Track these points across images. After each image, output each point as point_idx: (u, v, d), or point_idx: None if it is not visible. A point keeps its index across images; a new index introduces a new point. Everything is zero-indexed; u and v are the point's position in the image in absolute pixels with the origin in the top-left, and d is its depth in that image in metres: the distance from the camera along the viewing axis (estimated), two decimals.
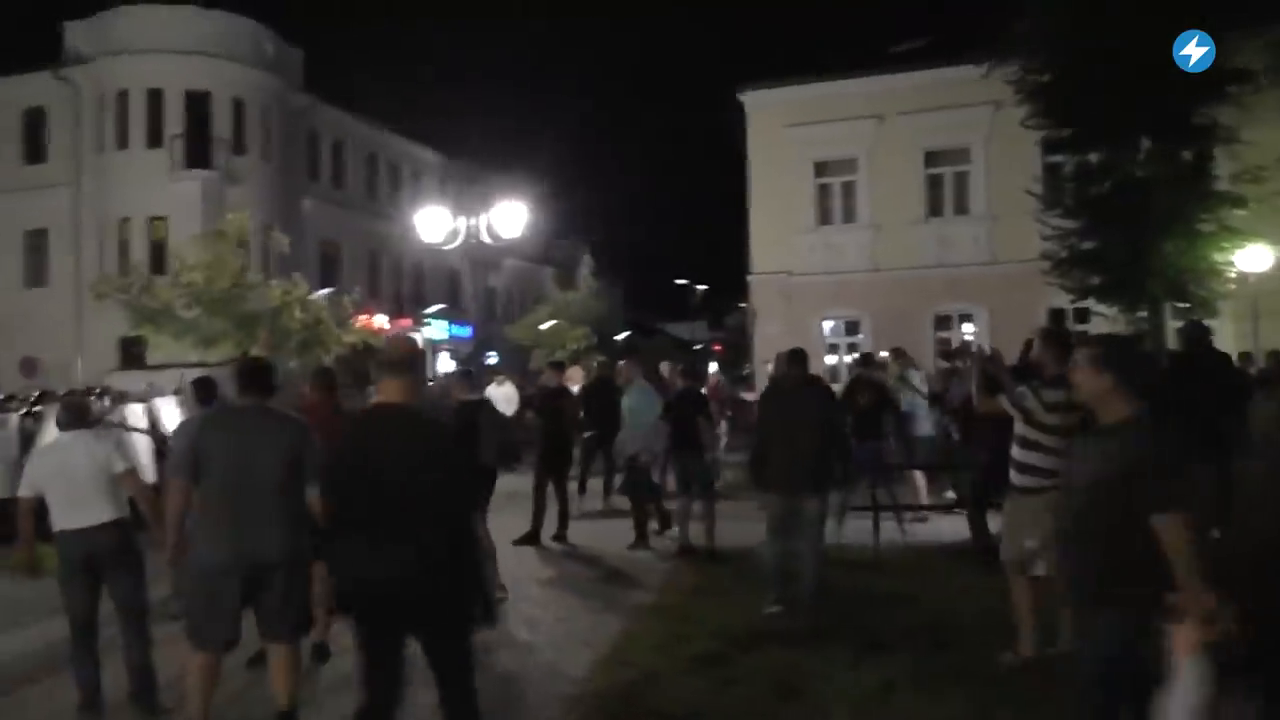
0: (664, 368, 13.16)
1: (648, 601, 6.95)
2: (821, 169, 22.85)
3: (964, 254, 21.54)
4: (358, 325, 23.51)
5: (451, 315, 37.82)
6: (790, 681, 4.89)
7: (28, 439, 11.42)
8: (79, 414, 5.34)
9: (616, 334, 41.39)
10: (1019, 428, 5.56)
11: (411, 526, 3.53)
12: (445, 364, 37.79)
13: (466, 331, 39.23)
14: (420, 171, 39.77)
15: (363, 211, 35.61)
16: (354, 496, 3.63)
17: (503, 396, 16.30)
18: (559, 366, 11.01)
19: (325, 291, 23.10)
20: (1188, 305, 15.90)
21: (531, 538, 9.66)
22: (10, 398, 13.23)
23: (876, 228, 22.39)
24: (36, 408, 12.45)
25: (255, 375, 4.79)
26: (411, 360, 3.83)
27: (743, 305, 51.49)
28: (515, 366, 29.38)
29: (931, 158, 22.03)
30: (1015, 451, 5.57)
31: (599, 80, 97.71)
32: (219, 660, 4.56)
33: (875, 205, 22.36)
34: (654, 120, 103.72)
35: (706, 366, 35.37)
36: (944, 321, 21.93)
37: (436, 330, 36.56)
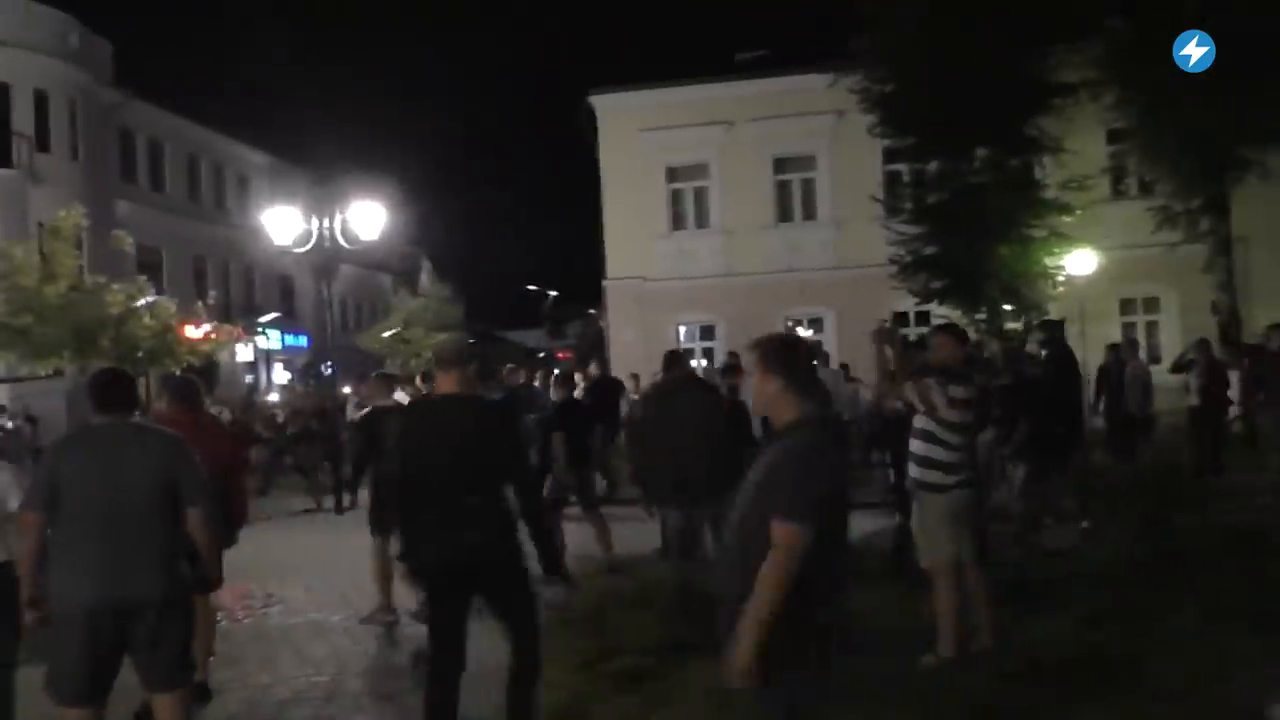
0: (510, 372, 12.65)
1: (555, 617, 6.57)
2: (674, 174, 23.01)
3: (813, 259, 22.11)
4: (181, 335, 21.67)
5: (286, 324, 36.07)
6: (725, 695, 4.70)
7: None
8: None
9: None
10: (921, 421, 5.54)
11: (484, 498, 4.15)
12: (279, 375, 35.99)
13: (303, 341, 37.51)
14: (248, 174, 37.75)
15: (185, 215, 33.41)
16: (428, 478, 4.18)
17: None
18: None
19: (151, 300, 21.07)
20: (1019, 307, 16.86)
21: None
22: None
23: (728, 233, 22.70)
24: None
25: (114, 387, 4.21)
26: (461, 354, 4.47)
27: (591, 311, 51.51)
28: (362, 377, 28.18)
29: (780, 164, 22.54)
30: (918, 446, 5.55)
31: (444, 82, 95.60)
32: (94, 716, 3.93)
33: (726, 210, 22.68)
34: (500, 124, 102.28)
35: (548, 374, 35.10)
36: (795, 325, 22.46)
37: (270, 340, 34.79)
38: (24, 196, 25.98)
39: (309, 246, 12.88)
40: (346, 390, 18.41)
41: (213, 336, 21.59)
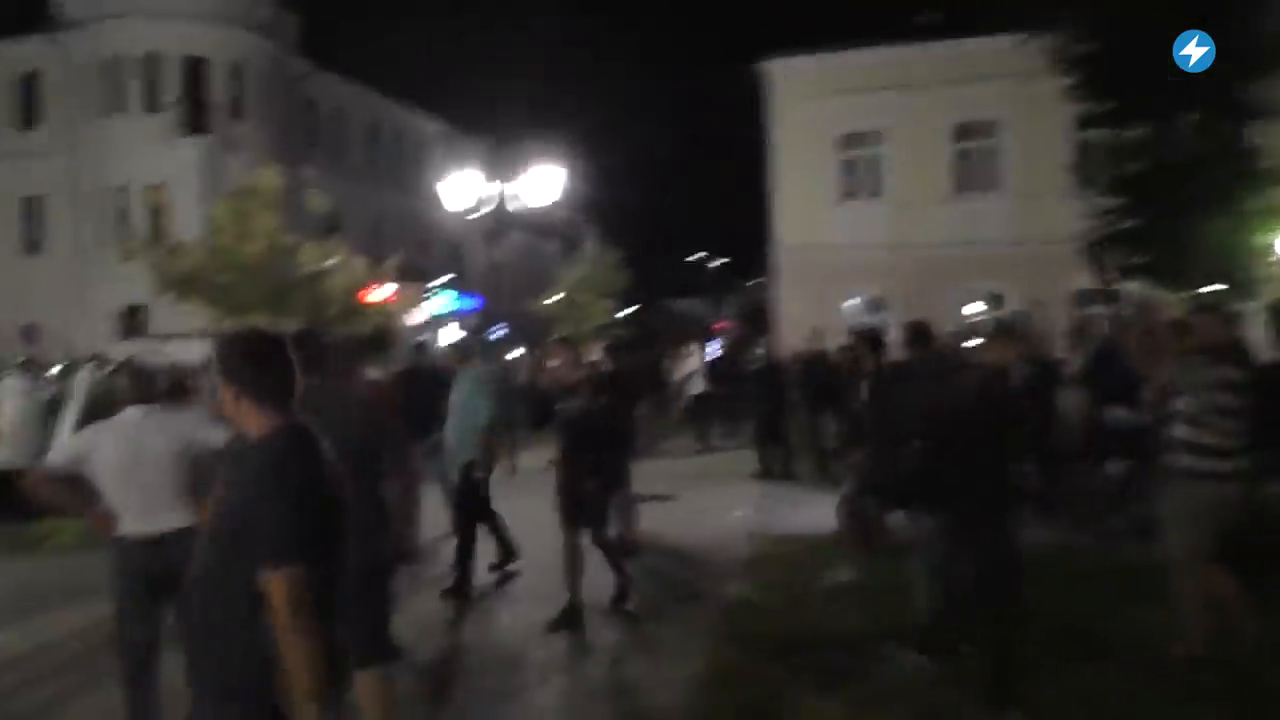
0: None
1: (719, 592, 6.38)
2: (846, 142, 22.30)
3: (991, 231, 21.04)
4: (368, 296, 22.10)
5: (458, 287, 37.17)
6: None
7: (54, 407, 10.89)
8: (149, 383, 4.32)
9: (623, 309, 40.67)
10: (1188, 405, 5.06)
11: None
12: (453, 335, 37.18)
13: (474, 304, 38.61)
14: (424, 141, 39.01)
15: (364, 181, 34.87)
16: None
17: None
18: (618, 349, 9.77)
19: (338, 261, 21.32)
20: (1227, 288, 15.47)
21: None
22: (27, 361, 12.56)
23: (902, 203, 21.86)
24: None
25: (316, 348, 4.04)
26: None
27: (759, 281, 50.93)
28: (534, 341, 28.67)
29: (960, 131, 21.48)
30: (1184, 431, 5.07)
31: (616, 48, 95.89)
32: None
33: (901, 180, 21.82)
34: (669, 89, 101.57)
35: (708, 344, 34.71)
36: (968, 300, 21.49)
37: (444, 303, 35.93)
38: (220, 162, 27.62)
39: (483, 212, 13.03)
40: (516, 354, 18.69)
41: (397, 299, 21.92)
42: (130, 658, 4.04)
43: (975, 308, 20.83)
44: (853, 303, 22.42)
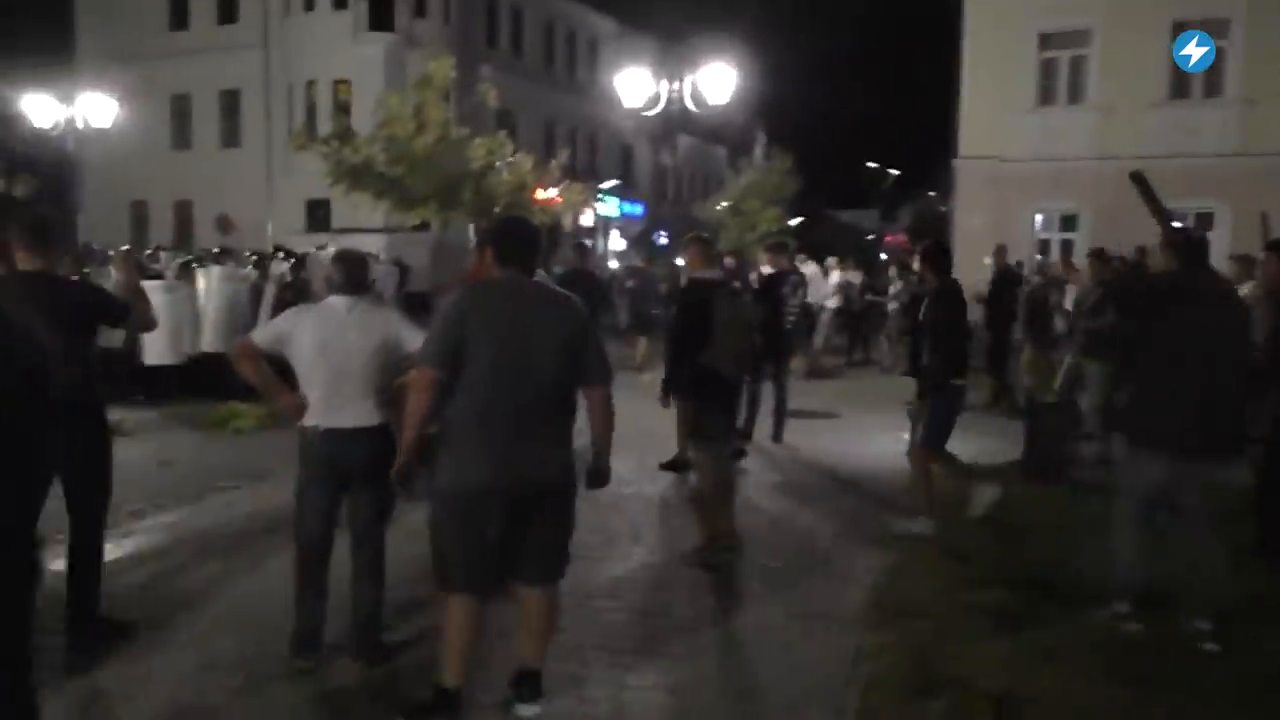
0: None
1: (912, 528, 6.01)
2: (1047, 41, 20.48)
3: (1209, 143, 19.03)
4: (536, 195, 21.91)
5: (624, 192, 37.05)
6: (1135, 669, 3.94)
7: (257, 296, 11.46)
8: (359, 274, 4.08)
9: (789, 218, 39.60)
10: None
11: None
12: (616, 242, 37.29)
13: (638, 210, 38.48)
14: (597, 40, 38.60)
15: (539, 80, 34.87)
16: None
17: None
18: (780, 249, 9.42)
19: (510, 159, 20.96)
20: None
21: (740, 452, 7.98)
22: (224, 251, 13.21)
23: (1107, 109, 20.01)
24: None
25: (527, 239, 3.62)
26: None
27: (931, 194, 48.51)
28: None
29: (1181, 29, 19.34)
30: None
31: None
32: (478, 608, 3.56)
33: (1107, 83, 19.93)
34: None
35: (876, 259, 33.25)
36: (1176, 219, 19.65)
37: (609, 207, 35.94)
38: (402, 58, 28.10)
39: (657, 110, 12.63)
40: (681, 261, 18.38)
41: (562, 198, 21.73)
42: (306, 547, 4.02)
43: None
44: (1042, 218, 20.92)
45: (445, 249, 20.72)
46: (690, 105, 12.57)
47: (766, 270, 9.14)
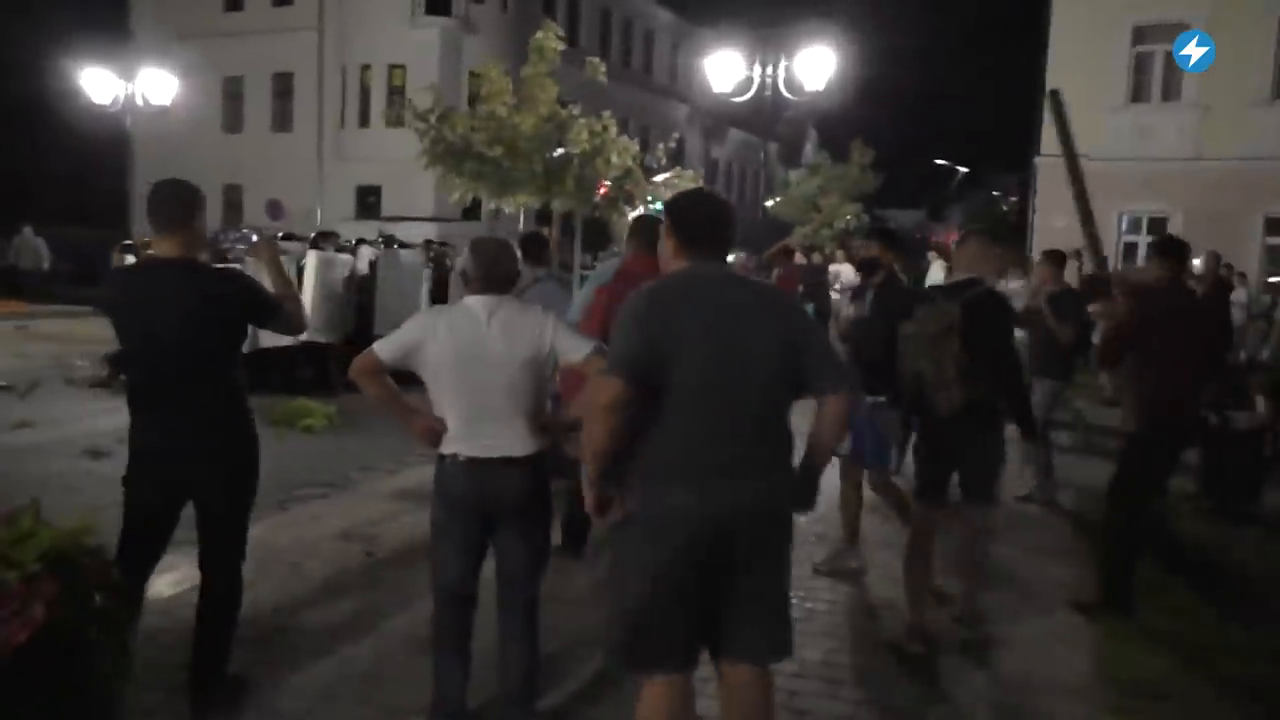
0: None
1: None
2: (1141, 35, 19.45)
3: None
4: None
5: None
6: None
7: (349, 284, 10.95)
8: (503, 268, 3.27)
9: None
10: None
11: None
12: None
13: None
14: (653, 31, 37.92)
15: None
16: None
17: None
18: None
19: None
20: None
21: None
22: (328, 234, 12.52)
23: (1205, 108, 18.96)
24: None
25: (722, 218, 2.85)
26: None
27: (994, 193, 47.18)
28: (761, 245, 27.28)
29: None
30: None
31: None
32: (685, 688, 2.76)
33: (1206, 80, 18.87)
34: None
35: (922, 259, 31.87)
36: (1275, 226, 18.62)
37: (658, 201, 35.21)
38: (459, 45, 27.54)
39: (749, 95, 11.84)
40: (731, 259, 17.23)
41: (675, 180, 19.43)
42: (446, 601, 3.28)
43: None
44: (1129, 220, 19.92)
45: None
46: (784, 91, 11.76)
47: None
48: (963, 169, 48.72)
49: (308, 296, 10.38)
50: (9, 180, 30.67)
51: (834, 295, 14.24)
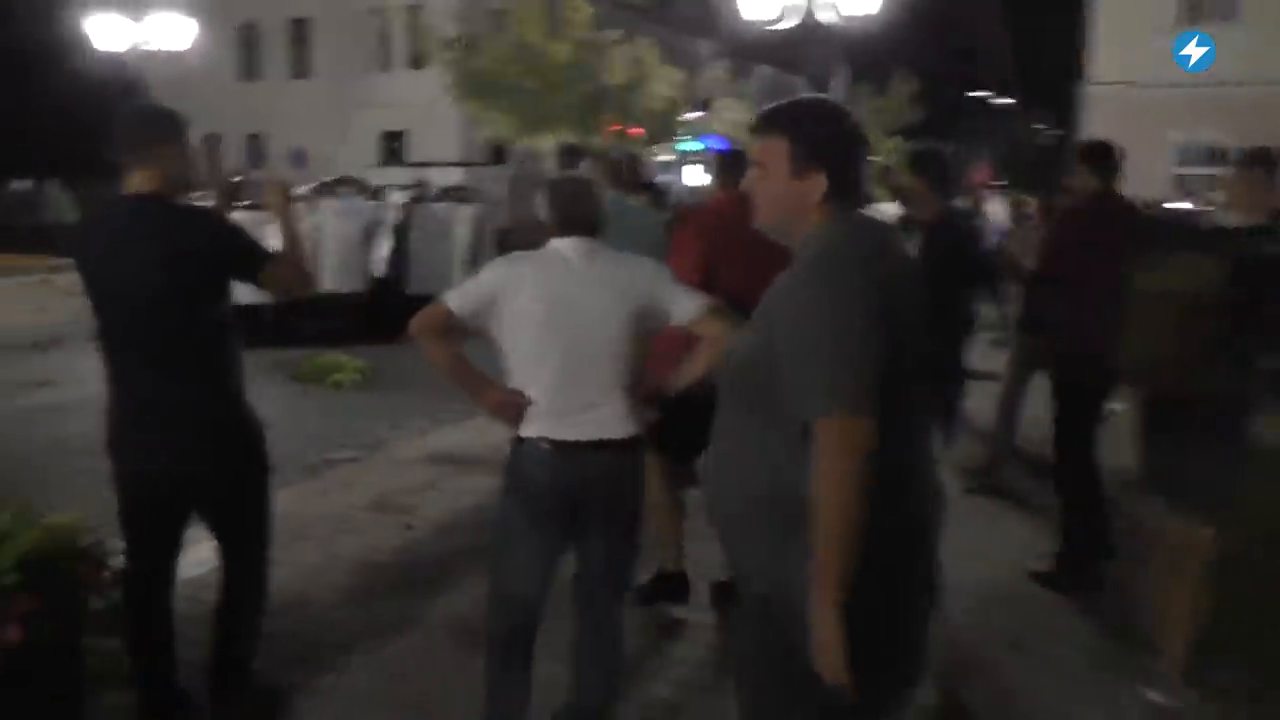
0: None
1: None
2: None
3: None
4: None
5: (702, 128, 35.37)
6: None
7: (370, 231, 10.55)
8: (588, 207, 2.70)
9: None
10: None
11: None
12: (697, 177, 35.73)
13: (721, 143, 36.80)
14: None
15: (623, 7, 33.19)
16: None
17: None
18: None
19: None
20: None
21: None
22: (341, 181, 12.06)
23: (1267, 26, 17.97)
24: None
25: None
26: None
27: (1039, 127, 45.64)
28: None
29: None
30: None
31: None
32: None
33: None
34: None
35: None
36: None
37: (688, 141, 34.35)
38: None
39: (792, 24, 11.13)
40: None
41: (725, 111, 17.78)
42: (510, 614, 2.74)
43: None
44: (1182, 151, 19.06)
45: (523, 183, 19.46)
46: (832, 17, 11.03)
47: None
48: (1005, 100, 47.17)
49: (327, 246, 10.06)
50: (29, 133, 30.36)
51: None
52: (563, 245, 2.68)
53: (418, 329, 2.67)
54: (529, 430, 2.64)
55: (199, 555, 3.61)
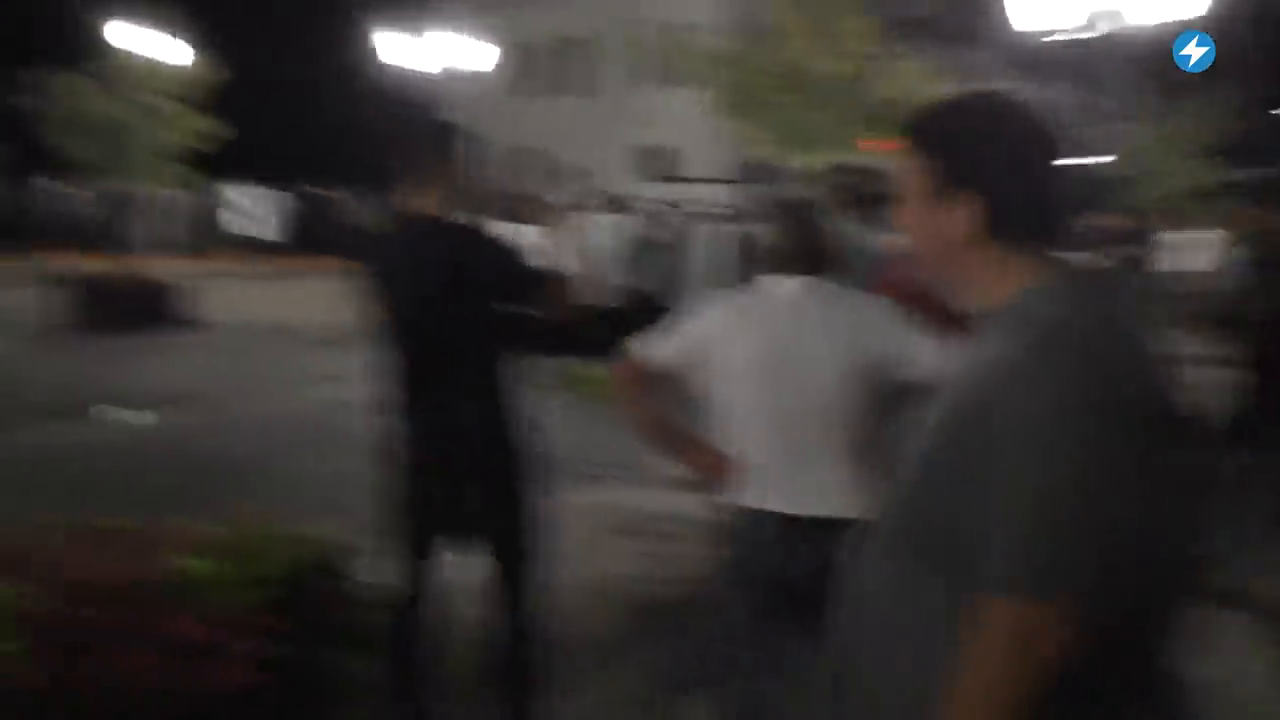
0: None
1: None
2: None
3: None
4: None
5: None
6: None
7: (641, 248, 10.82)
8: (816, 239, 2.41)
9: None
10: None
11: None
12: None
13: None
14: None
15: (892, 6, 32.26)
16: None
17: None
18: None
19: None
20: None
21: None
22: (614, 199, 12.32)
23: None
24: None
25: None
26: None
27: None
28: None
29: None
30: None
31: None
32: None
33: None
34: None
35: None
36: None
37: None
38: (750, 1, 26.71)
39: (1097, 30, 10.11)
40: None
41: None
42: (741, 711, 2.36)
43: None
44: None
45: (782, 205, 18.82)
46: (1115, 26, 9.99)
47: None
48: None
49: (593, 259, 10.32)
50: (344, 147, 33.53)
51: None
52: (781, 285, 2.38)
53: (618, 381, 2.46)
54: (748, 499, 2.32)
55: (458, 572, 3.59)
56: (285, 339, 11.76)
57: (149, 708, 1.88)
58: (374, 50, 21.34)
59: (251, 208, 24.31)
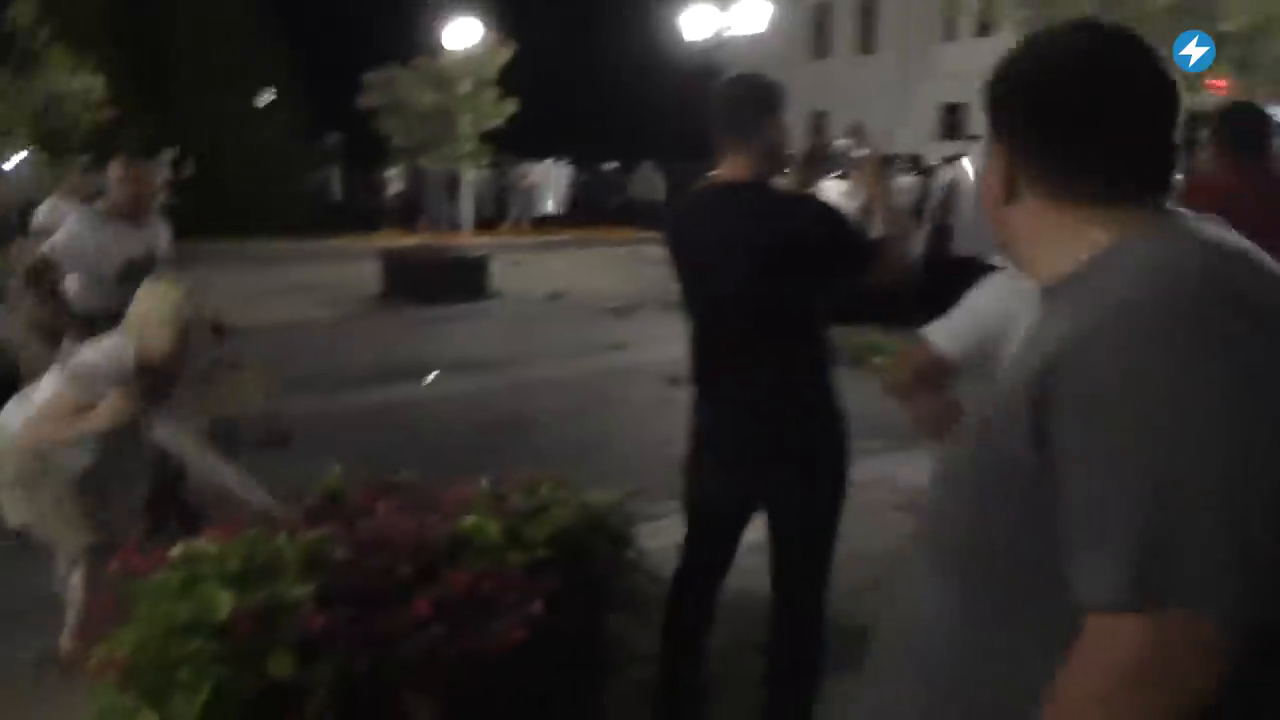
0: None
1: None
2: None
3: None
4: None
5: None
6: None
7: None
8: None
9: None
10: None
11: None
12: None
13: None
14: None
15: None
16: None
17: None
18: None
19: None
20: None
21: None
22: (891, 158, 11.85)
23: None
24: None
25: None
26: None
27: None
28: None
29: None
30: None
31: None
32: None
33: None
34: None
35: None
36: None
37: None
38: None
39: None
40: None
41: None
42: None
43: None
44: None
45: None
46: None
47: None
48: None
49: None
50: (629, 120, 34.57)
51: None
52: None
53: (898, 380, 2.27)
54: None
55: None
56: (579, 309, 12.22)
57: (424, 662, 1.91)
58: (670, 26, 21.69)
59: (546, 182, 25.66)
